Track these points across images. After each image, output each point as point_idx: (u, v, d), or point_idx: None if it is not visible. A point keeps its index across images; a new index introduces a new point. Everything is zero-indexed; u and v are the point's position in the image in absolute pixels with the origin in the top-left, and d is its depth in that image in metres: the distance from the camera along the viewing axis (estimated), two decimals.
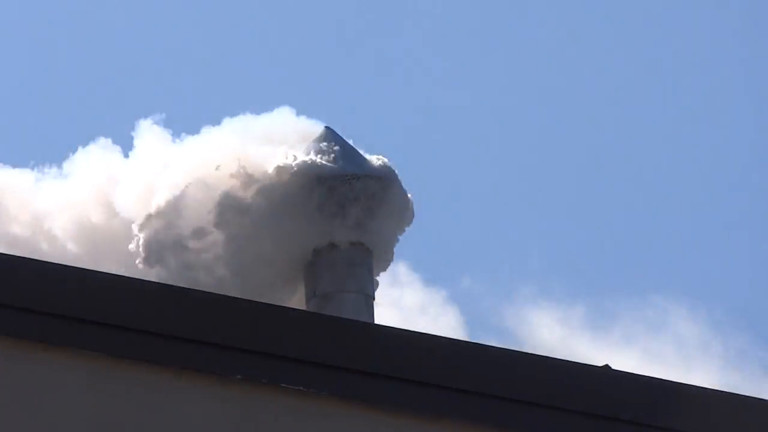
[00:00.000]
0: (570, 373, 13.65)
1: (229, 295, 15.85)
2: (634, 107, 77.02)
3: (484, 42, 73.89)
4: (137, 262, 32.14)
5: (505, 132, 71.77)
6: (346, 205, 26.90)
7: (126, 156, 35.36)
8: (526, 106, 74.25)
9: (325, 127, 27.33)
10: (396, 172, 29.06)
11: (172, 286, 14.48)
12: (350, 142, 31.23)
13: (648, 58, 76.00)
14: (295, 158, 28.22)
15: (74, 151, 42.85)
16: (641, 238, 69.22)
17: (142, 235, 31.24)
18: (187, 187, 29.09)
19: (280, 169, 28.12)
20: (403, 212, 29.82)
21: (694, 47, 78.33)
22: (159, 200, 30.83)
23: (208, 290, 16.21)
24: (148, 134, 34.17)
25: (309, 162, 27.31)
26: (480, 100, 73.39)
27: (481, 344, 15.13)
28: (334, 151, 27.61)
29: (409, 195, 30.02)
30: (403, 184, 31.08)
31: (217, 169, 30.15)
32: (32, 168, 36.04)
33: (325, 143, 27.72)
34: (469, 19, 75.03)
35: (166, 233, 31.32)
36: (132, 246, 31.60)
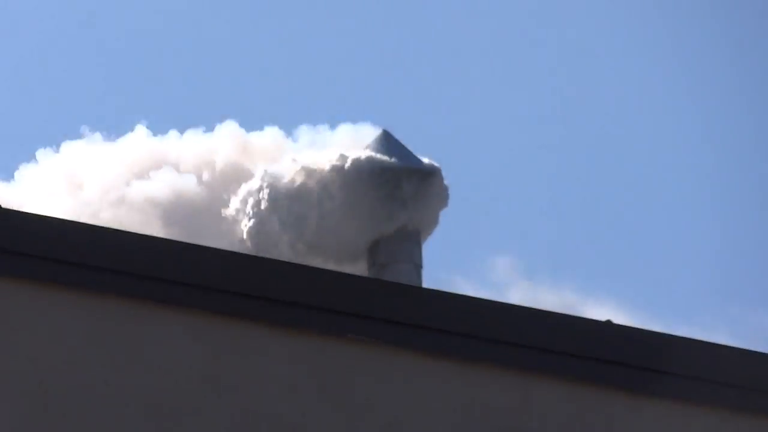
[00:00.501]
0: (578, 326, 16.06)
1: (309, 265, 18.17)
2: None
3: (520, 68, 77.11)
4: (244, 229, 34.81)
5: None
6: (401, 192, 29.24)
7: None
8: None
9: (383, 130, 29.69)
10: (439, 168, 32.06)
11: (266, 258, 15.98)
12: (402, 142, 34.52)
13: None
14: (364, 156, 31.38)
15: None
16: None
17: (253, 211, 34.09)
18: (293, 178, 31.83)
19: (355, 162, 31.16)
20: (443, 199, 32.44)
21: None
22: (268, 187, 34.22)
23: (291, 261, 18.40)
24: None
25: (375, 157, 30.09)
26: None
27: (506, 302, 17.21)
28: (391, 150, 29.67)
29: (446, 185, 33.13)
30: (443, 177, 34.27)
31: (310, 165, 33.24)
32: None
33: (384, 143, 30.20)
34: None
35: (273, 213, 34.14)
36: (230, 214, 34.34)
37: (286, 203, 33.85)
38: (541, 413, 15.08)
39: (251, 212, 36.60)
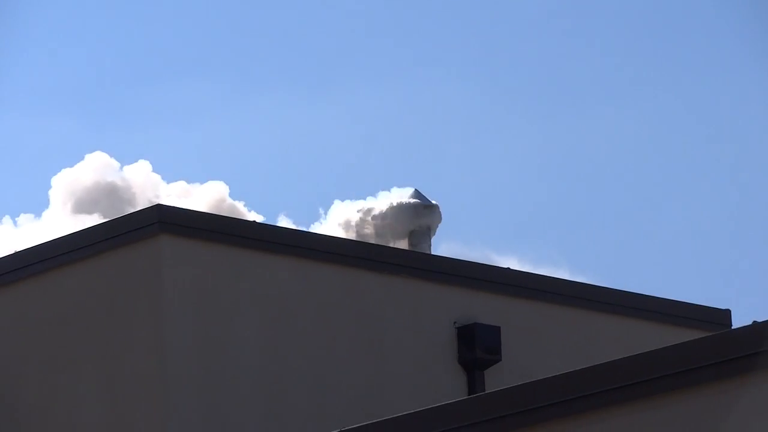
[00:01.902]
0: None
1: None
2: None
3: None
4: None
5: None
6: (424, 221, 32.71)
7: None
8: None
9: (415, 189, 33.54)
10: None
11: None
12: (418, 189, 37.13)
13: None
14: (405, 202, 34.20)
15: None
16: None
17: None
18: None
19: (401, 205, 33.86)
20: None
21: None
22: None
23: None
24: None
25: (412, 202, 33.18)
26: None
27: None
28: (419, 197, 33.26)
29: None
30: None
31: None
32: None
33: (414, 193, 33.85)
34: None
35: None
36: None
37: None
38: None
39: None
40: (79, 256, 18.65)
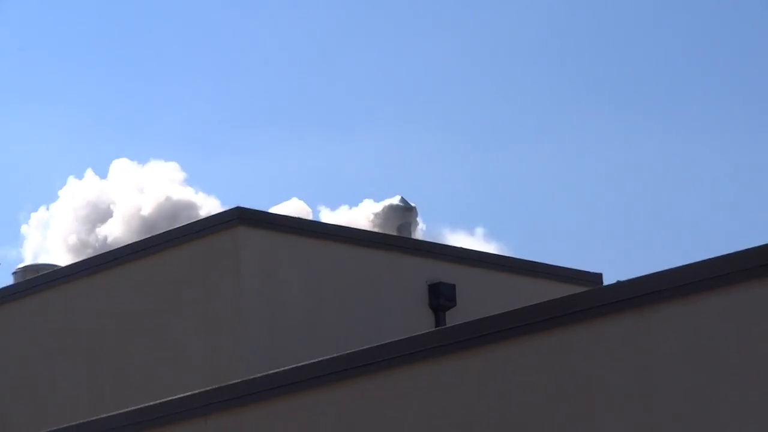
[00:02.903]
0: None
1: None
2: None
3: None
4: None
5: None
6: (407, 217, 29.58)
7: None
8: None
9: (401, 197, 29.87)
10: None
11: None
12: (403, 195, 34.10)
13: None
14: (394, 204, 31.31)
15: None
16: None
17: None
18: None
19: (392, 206, 31.28)
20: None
21: None
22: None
23: None
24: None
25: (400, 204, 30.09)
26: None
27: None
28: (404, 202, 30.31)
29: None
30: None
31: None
32: None
33: (400, 199, 30.88)
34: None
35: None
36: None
37: None
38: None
39: None
40: (184, 240, 17.83)
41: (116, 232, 40.56)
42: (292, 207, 35.93)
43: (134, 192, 44.25)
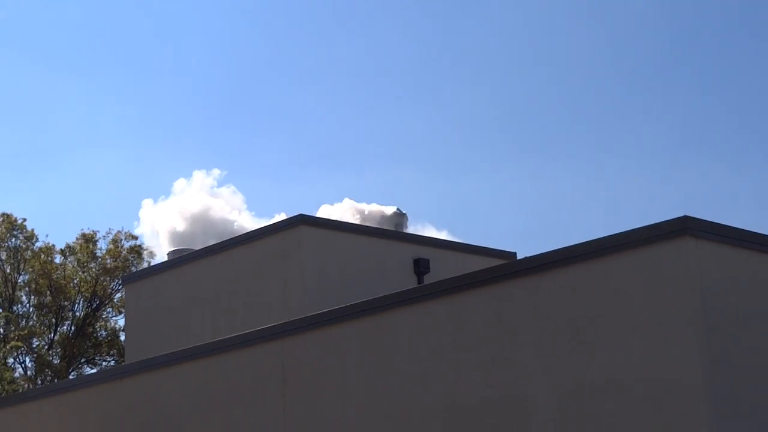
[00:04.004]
0: None
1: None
2: None
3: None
4: None
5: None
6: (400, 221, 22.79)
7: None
8: None
9: (397, 207, 22.94)
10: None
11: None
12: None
13: None
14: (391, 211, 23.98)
15: None
16: None
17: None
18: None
19: (393, 213, 23.63)
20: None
21: None
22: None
23: None
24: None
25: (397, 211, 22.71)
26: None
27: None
28: (399, 210, 22.99)
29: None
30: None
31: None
32: None
33: (397, 209, 23.10)
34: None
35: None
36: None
37: None
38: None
39: None
40: (256, 237, 16.73)
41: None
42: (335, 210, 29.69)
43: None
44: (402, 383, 10.74)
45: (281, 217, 31.38)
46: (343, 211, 27.02)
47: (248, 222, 32.82)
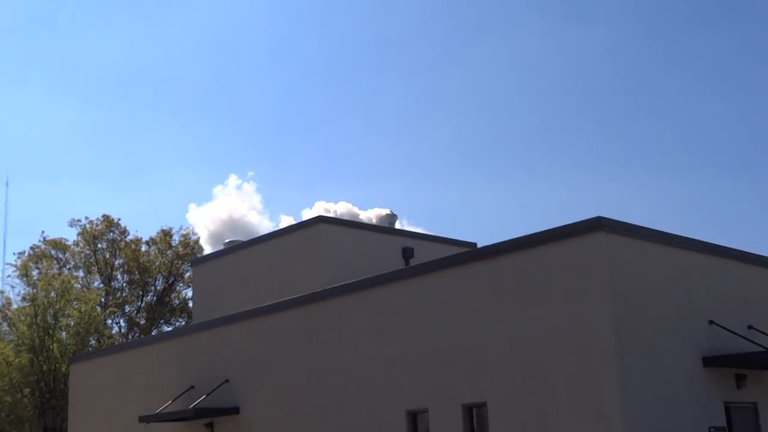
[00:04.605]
0: None
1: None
2: None
3: None
4: None
5: None
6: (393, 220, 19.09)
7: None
8: None
9: (390, 210, 20.31)
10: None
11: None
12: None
13: None
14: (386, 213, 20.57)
15: None
16: None
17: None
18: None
19: (387, 214, 20.32)
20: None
21: None
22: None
23: None
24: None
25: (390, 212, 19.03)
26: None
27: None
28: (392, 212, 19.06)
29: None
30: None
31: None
32: None
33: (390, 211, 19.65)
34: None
35: None
36: None
37: None
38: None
39: None
40: (287, 232, 16.28)
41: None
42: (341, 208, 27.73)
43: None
44: (396, 337, 10.94)
45: (288, 217, 32.18)
46: (347, 210, 25.64)
47: (264, 222, 33.83)
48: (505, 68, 44.52)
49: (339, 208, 26.06)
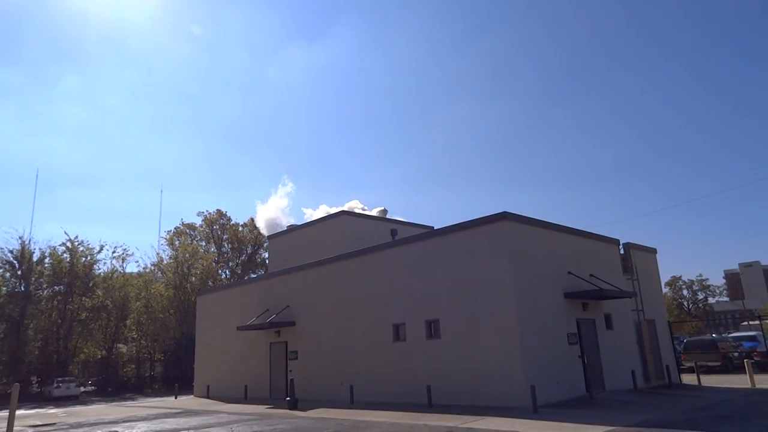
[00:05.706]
0: None
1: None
2: None
3: None
4: None
5: None
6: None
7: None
8: None
9: (383, 207, 17.78)
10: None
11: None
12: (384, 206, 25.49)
13: None
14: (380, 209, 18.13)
15: None
16: None
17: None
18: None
19: (380, 210, 18.13)
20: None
21: None
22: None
23: None
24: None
25: (383, 209, 17.11)
26: None
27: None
28: (384, 209, 16.97)
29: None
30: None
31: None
32: None
33: (383, 208, 17.24)
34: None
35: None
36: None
37: None
38: None
39: None
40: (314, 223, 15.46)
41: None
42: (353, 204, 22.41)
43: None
44: (387, 281, 11.16)
45: (308, 212, 29.86)
46: (350, 207, 21.29)
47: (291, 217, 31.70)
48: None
49: (353, 205, 24.41)
